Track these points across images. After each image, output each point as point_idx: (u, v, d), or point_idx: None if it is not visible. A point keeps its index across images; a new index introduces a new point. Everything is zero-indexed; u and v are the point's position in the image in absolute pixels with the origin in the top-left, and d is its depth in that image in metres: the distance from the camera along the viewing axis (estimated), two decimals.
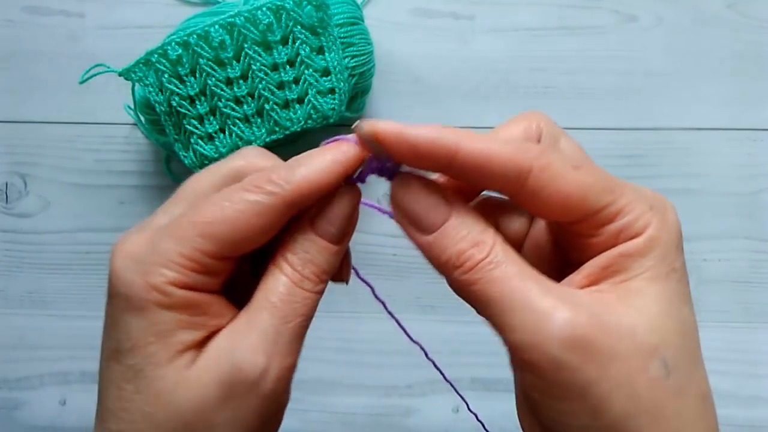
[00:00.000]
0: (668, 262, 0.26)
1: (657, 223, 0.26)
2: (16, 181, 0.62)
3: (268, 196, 0.26)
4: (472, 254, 0.26)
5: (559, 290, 0.25)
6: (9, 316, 0.62)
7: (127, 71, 0.51)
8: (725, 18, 0.62)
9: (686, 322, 0.26)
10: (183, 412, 0.26)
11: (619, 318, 0.24)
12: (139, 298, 0.26)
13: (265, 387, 0.26)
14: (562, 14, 0.62)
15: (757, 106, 0.62)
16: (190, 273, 0.26)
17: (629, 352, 0.24)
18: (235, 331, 0.27)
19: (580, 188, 0.25)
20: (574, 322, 0.24)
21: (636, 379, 0.24)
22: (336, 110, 0.54)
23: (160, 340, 0.26)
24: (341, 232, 0.28)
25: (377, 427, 0.62)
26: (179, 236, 0.26)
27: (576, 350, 0.24)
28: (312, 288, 0.28)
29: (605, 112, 0.62)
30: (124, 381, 0.27)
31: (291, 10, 0.51)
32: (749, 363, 0.62)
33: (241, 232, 0.26)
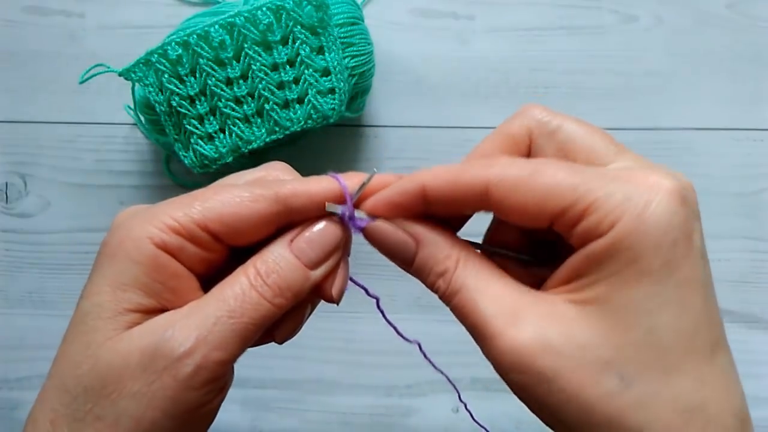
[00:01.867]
0: (641, 263, 0.23)
1: (628, 219, 0.23)
2: (16, 181, 0.62)
3: (265, 189, 0.28)
4: (439, 286, 0.28)
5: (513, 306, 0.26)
6: (9, 316, 0.62)
7: (127, 71, 0.51)
8: (725, 18, 0.62)
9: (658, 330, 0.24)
10: (104, 369, 0.26)
11: (569, 333, 0.24)
12: (115, 245, 0.27)
13: (184, 370, 0.26)
14: (562, 14, 0.62)
15: (757, 106, 0.62)
16: (170, 233, 0.27)
17: (575, 369, 0.24)
18: (179, 312, 0.27)
19: (538, 192, 0.25)
20: (516, 345, 0.25)
21: (587, 394, 0.24)
22: (336, 110, 0.54)
23: (113, 292, 0.27)
24: (317, 258, 0.29)
25: (377, 427, 0.62)
26: (174, 202, 0.28)
27: (519, 372, 0.25)
28: (270, 297, 0.28)
29: (605, 112, 0.62)
30: (71, 324, 0.28)
31: (291, 10, 0.51)
32: (749, 363, 0.62)
33: (232, 212, 0.28)
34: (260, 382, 0.61)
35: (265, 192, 0.29)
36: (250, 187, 0.29)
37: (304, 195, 0.29)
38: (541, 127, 0.29)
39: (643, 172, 0.25)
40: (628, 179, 0.25)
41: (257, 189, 0.29)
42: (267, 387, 0.61)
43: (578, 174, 0.25)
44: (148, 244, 0.27)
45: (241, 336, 0.27)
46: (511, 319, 0.25)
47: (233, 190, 0.29)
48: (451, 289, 0.27)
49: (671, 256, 0.24)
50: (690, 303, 0.24)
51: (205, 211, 0.28)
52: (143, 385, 0.26)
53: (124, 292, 0.27)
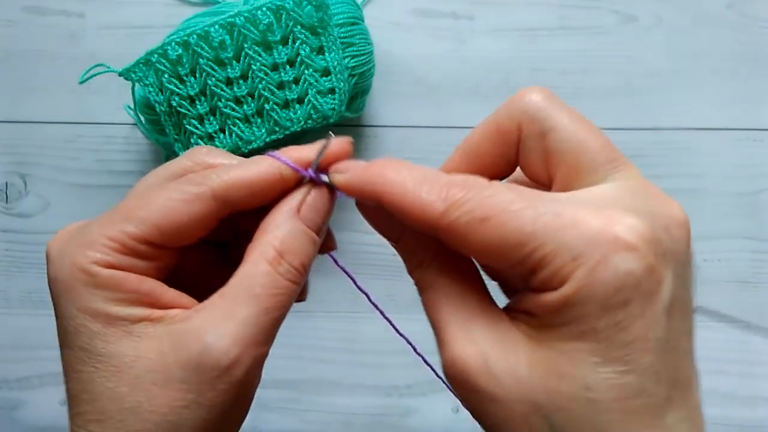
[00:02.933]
0: (585, 321, 0.22)
1: (576, 279, 0.22)
2: (16, 181, 0.62)
3: (197, 185, 0.27)
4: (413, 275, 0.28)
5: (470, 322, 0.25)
6: (9, 316, 0.62)
7: (127, 71, 0.51)
8: (725, 18, 0.62)
9: (595, 388, 0.22)
10: (146, 386, 0.26)
11: (513, 365, 0.24)
12: (67, 278, 0.27)
13: (236, 375, 0.26)
14: (562, 14, 0.62)
15: (757, 106, 0.62)
16: (114, 254, 0.27)
17: (511, 400, 0.24)
18: (210, 315, 0.26)
19: (487, 246, 0.24)
20: (461, 359, 0.25)
21: (517, 426, 0.24)
22: (336, 110, 0.54)
23: (98, 318, 0.26)
24: (323, 222, 0.29)
25: (377, 427, 0.62)
26: (107, 221, 0.27)
27: (459, 385, 0.25)
28: (297, 279, 0.27)
29: (605, 112, 0.62)
30: (77, 363, 0.27)
31: (291, 10, 0.51)
32: (749, 363, 0.62)
33: (167, 218, 0.27)
34: (260, 382, 0.61)
35: (199, 190, 0.27)
36: (182, 186, 0.27)
37: (241, 186, 0.27)
38: (532, 125, 0.27)
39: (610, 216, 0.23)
40: (588, 226, 0.22)
41: (190, 187, 0.27)
42: (267, 387, 0.61)
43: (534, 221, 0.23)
44: (98, 268, 0.26)
45: (278, 325, 0.27)
46: (465, 330, 0.25)
47: (165, 192, 0.27)
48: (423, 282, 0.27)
49: (621, 317, 0.22)
50: (637, 363, 0.22)
51: (139, 224, 0.27)
52: (196, 395, 0.26)
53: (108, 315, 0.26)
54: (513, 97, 0.28)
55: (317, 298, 0.61)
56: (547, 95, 0.27)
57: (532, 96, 0.27)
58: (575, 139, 0.26)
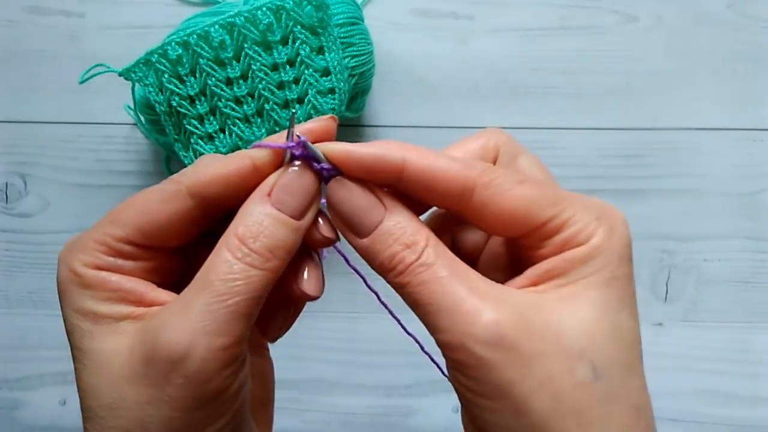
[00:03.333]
0: (610, 269, 0.26)
1: (602, 233, 0.26)
2: (16, 181, 0.62)
3: (173, 183, 0.28)
4: (403, 257, 0.26)
5: (488, 290, 0.26)
6: (9, 316, 0.62)
7: (127, 71, 0.51)
8: (725, 18, 0.62)
9: (622, 329, 0.26)
10: (119, 383, 0.26)
11: (548, 319, 0.25)
12: (63, 282, 0.28)
13: (191, 367, 0.25)
14: (562, 14, 0.62)
15: (757, 106, 0.62)
16: (101, 255, 0.28)
17: (554, 353, 0.24)
18: (169, 308, 0.26)
19: (523, 202, 0.26)
20: (498, 321, 0.24)
21: (560, 381, 0.24)
22: (336, 110, 0.54)
23: (87, 317, 0.27)
24: (302, 205, 0.27)
25: (377, 427, 0.62)
26: (96, 225, 0.28)
27: (498, 349, 0.24)
28: (260, 264, 0.26)
29: (605, 112, 0.62)
30: (74, 362, 0.28)
31: (291, 10, 0.51)
32: (749, 363, 0.62)
33: (147, 218, 0.27)
34: None
35: (173, 188, 0.27)
36: (160, 186, 0.28)
37: (216, 181, 0.27)
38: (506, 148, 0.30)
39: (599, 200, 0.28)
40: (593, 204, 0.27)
41: (166, 186, 0.28)
42: None
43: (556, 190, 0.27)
44: (85, 269, 0.27)
45: (239, 315, 0.25)
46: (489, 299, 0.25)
47: (145, 193, 0.28)
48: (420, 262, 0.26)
49: (628, 270, 0.27)
50: (635, 312, 0.27)
51: (120, 225, 0.27)
52: (156, 390, 0.25)
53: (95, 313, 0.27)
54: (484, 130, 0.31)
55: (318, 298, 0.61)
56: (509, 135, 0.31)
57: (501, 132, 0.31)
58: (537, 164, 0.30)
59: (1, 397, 0.62)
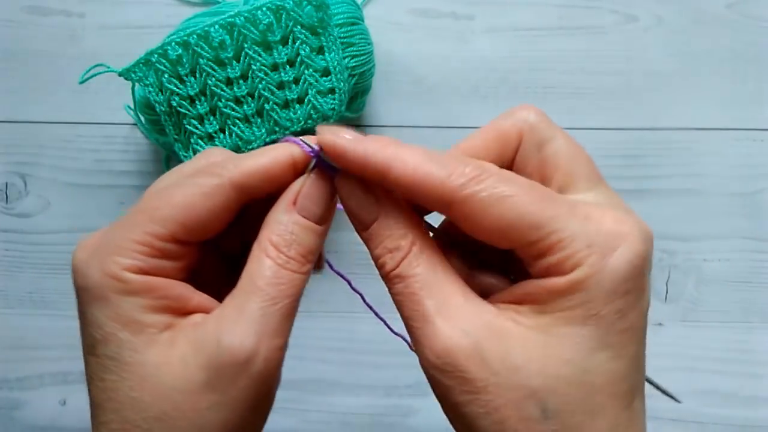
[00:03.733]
0: (591, 306, 0.24)
1: (588, 266, 0.24)
2: (16, 181, 0.62)
3: (214, 177, 0.27)
4: (384, 262, 0.27)
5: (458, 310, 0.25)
6: (9, 316, 0.62)
7: (127, 71, 0.51)
8: (725, 18, 0.62)
9: (592, 371, 0.24)
10: (169, 394, 0.26)
11: (507, 351, 0.24)
12: (97, 288, 0.26)
13: (255, 369, 0.26)
14: (562, 14, 0.62)
15: (757, 106, 0.62)
16: (144, 257, 0.27)
17: (503, 387, 0.24)
18: (222, 315, 0.27)
19: (505, 221, 0.25)
20: (452, 348, 0.24)
21: (506, 413, 0.24)
22: (336, 110, 0.54)
23: (128, 327, 0.26)
24: (324, 212, 0.29)
25: (377, 427, 0.62)
26: (130, 224, 0.27)
27: (449, 376, 0.25)
28: (298, 269, 0.28)
29: (605, 112, 0.62)
30: (103, 372, 0.27)
31: (291, 10, 0.51)
32: (749, 363, 0.62)
33: (190, 214, 0.27)
34: None
35: (218, 181, 0.27)
36: (200, 180, 0.28)
37: (258, 173, 0.28)
38: (532, 134, 0.28)
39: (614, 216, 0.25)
40: (599, 221, 0.25)
41: (209, 179, 0.27)
42: None
43: (551, 208, 0.25)
44: (129, 275, 0.26)
45: (288, 314, 0.27)
46: (453, 320, 0.25)
47: (183, 188, 0.27)
48: (398, 272, 0.27)
49: (622, 305, 0.24)
50: (626, 350, 0.25)
51: (164, 222, 0.27)
52: (220, 395, 0.26)
53: (139, 322, 0.26)
54: (513, 108, 0.29)
55: (317, 298, 0.61)
56: (543, 113, 0.29)
57: (532, 111, 0.29)
58: (570, 152, 0.28)
59: (1, 397, 0.62)
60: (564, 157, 0.28)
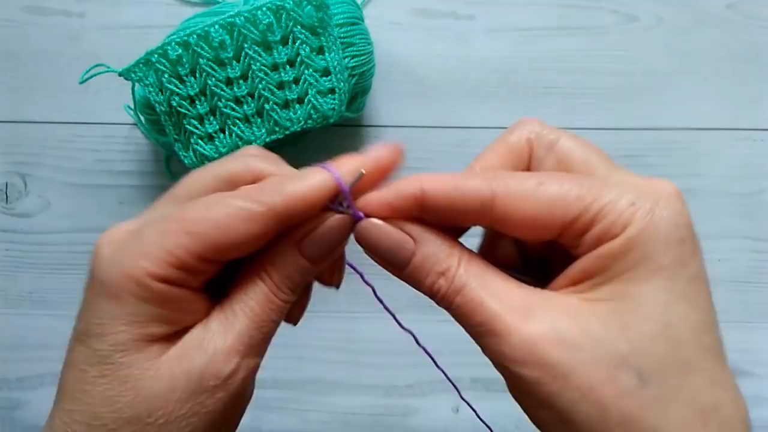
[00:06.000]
0: (654, 260, 0.24)
1: (639, 221, 0.24)
2: (16, 181, 0.62)
3: (258, 204, 0.27)
4: (440, 286, 0.27)
5: (521, 301, 0.25)
6: (9, 316, 0.62)
7: (127, 71, 0.51)
8: (725, 18, 0.62)
9: (674, 325, 0.24)
10: (148, 399, 0.26)
11: (584, 327, 0.24)
12: (116, 285, 0.26)
13: (234, 384, 0.27)
14: (562, 14, 0.62)
15: (757, 106, 0.62)
16: (170, 268, 0.26)
17: (591, 363, 0.23)
18: (212, 331, 0.28)
19: (547, 204, 0.25)
20: (528, 339, 0.24)
21: (602, 391, 0.23)
22: (336, 110, 0.54)
23: (131, 330, 0.26)
24: (326, 256, 0.29)
25: (377, 427, 0.62)
26: (165, 230, 0.27)
27: (533, 366, 0.24)
28: (286, 299, 0.29)
29: (605, 112, 0.62)
30: (87, 364, 0.27)
31: (291, 10, 0.51)
32: (749, 363, 0.62)
33: (226, 237, 0.27)
34: (260, 382, 0.61)
35: (259, 209, 0.27)
36: (241, 203, 0.27)
37: (300, 202, 0.27)
38: (540, 139, 0.29)
39: (643, 179, 0.26)
40: (632, 185, 0.26)
41: (250, 205, 0.27)
42: (267, 387, 0.61)
43: (584, 183, 0.25)
44: (151, 281, 0.26)
45: (269, 338, 0.29)
46: (522, 313, 0.25)
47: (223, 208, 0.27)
48: (454, 287, 0.26)
49: (681, 253, 0.24)
50: (700, 299, 0.25)
51: (198, 238, 0.26)
52: (194, 404, 0.27)
53: (143, 328, 0.27)
54: (515, 124, 0.30)
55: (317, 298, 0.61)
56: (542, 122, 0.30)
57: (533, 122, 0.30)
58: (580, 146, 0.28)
59: (1, 397, 0.62)
60: (577, 151, 0.28)
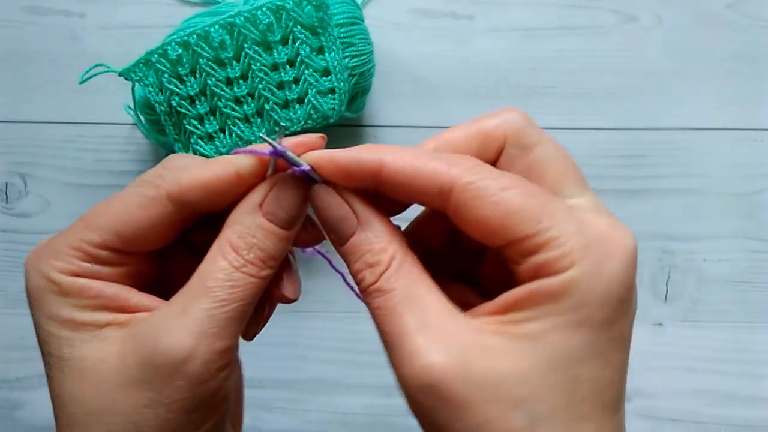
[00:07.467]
0: (584, 312, 0.23)
1: (583, 267, 0.23)
2: (16, 181, 0.62)
3: (152, 188, 0.27)
4: (364, 276, 0.26)
5: (440, 325, 0.25)
6: (9, 316, 0.62)
7: (127, 71, 0.51)
8: (725, 18, 0.62)
9: (582, 380, 0.24)
10: (108, 389, 0.26)
11: (491, 365, 0.24)
12: (36, 289, 0.27)
13: (192, 370, 0.25)
14: (562, 14, 0.62)
15: (757, 106, 0.62)
16: (77, 261, 0.27)
17: (489, 401, 0.23)
18: (165, 313, 0.27)
19: (501, 213, 0.24)
20: (434, 367, 0.23)
21: (493, 426, 0.23)
22: (336, 110, 0.54)
23: (66, 324, 0.27)
24: (291, 217, 0.28)
25: (377, 427, 0.62)
26: (70, 230, 0.28)
27: (430, 395, 0.24)
28: (255, 273, 0.27)
29: (605, 112, 0.62)
30: (50, 370, 0.27)
31: (291, 10, 0.51)
32: (749, 363, 0.62)
33: (125, 225, 0.27)
34: (260, 382, 0.61)
35: (154, 193, 0.27)
36: (137, 190, 0.27)
37: (197, 187, 0.27)
38: (518, 137, 0.28)
39: (608, 222, 0.25)
40: (596, 225, 0.24)
41: (145, 190, 0.27)
42: (267, 387, 0.61)
43: (547, 204, 0.24)
44: (62, 276, 0.27)
45: (237, 319, 0.27)
46: (433, 338, 0.24)
47: (122, 197, 0.27)
48: (377, 287, 0.26)
49: (613, 313, 0.24)
50: (614, 359, 0.24)
51: (96, 230, 0.27)
52: (155, 393, 0.25)
53: (74, 321, 0.27)
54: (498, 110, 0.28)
55: (317, 298, 0.61)
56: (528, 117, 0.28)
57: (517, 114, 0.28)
58: (558, 157, 0.27)
59: (1, 397, 0.62)
60: (553, 161, 0.27)
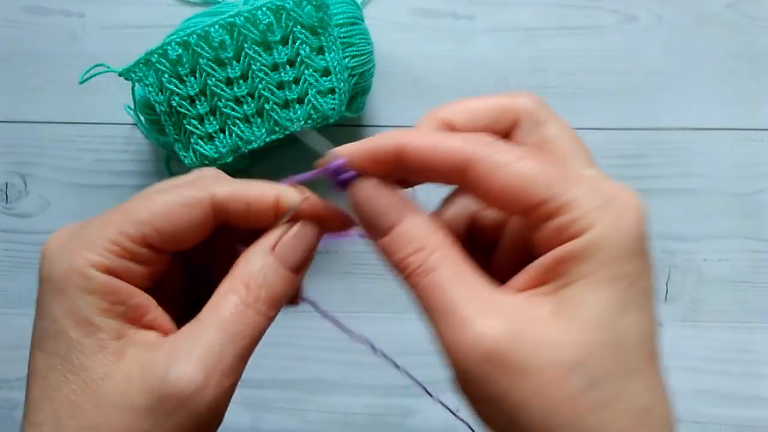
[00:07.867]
0: (614, 267, 0.24)
1: (604, 223, 0.24)
2: (16, 181, 0.62)
3: (197, 189, 0.28)
4: (410, 262, 0.27)
5: (487, 298, 0.25)
6: (9, 316, 0.62)
7: (127, 71, 0.51)
8: (725, 18, 0.62)
9: (625, 332, 0.25)
10: (107, 408, 0.25)
11: (541, 330, 0.24)
12: (60, 280, 0.26)
13: (199, 405, 0.25)
14: (562, 14, 0.62)
15: (757, 106, 0.62)
16: (113, 257, 0.26)
17: (545, 366, 0.24)
18: (177, 342, 0.26)
19: (518, 179, 0.25)
20: (488, 334, 0.24)
21: (552, 393, 0.24)
22: (336, 110, 0.54)
23: (81, 326, 0.26)
24: (301, 262, 0.29)
25: (377, 427, 0.62)
26: (106, 221, 0.27)
27: (487, 363, 0.24)
28: (264, 312, 0.28)
29: (605, 112, 0.62)
30: (49, 369, 0.26)
31: (291, 10, 0.51)
32: (749, 363, 0.62)
33: (166, 220, 0.27)
34: (260, 382, 0.61)
35: (199, 195, 0.28)
36: (183, 191, 0.28)
37: (240, 199, 0.28)
38: (531, 114, 0.29)
39: (616, 186, 0.26)
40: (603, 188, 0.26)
41: (191, 191, 0.28)
42: (267, 387, 0.61)
43: (560, 171, 0.26)
44: (94, 272, 0.26)
45: (244, 356, 0.27)
46: (484, 308, 0.25)
47: (165, 195, 0.28)
48: (425, 267, 0.26)
49: (639, 265, 0.25)
50: (648, 310, 0.25)
51: (139, 225, 0.27)
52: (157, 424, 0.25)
53: (91, 324, 0.26)
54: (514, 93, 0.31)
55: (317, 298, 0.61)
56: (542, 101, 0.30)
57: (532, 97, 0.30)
58: (568, 135, 0.29)
59: (1, 397, 0.62)
60: (562, 139, 0.29)
